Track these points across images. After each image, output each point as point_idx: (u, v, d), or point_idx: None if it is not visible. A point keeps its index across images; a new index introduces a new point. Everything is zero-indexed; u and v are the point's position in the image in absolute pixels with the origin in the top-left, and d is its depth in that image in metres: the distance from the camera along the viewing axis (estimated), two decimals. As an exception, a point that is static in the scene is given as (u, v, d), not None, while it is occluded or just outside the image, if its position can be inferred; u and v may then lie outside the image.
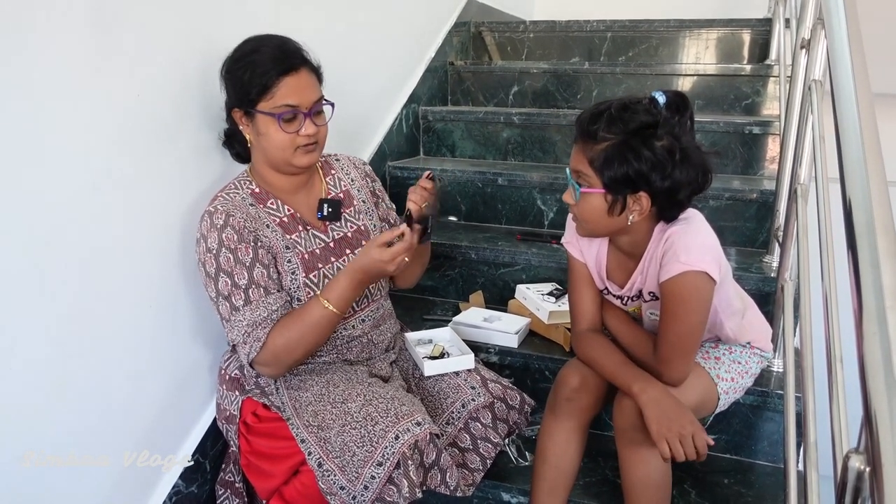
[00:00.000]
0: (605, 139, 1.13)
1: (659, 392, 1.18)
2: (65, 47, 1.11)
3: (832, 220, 1.04)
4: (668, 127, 1.12)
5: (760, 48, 2.69)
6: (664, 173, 1.12)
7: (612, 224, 1.19)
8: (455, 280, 2.03)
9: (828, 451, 0.83)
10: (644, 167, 1.11)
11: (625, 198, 1.16)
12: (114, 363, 1.28)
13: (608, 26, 2.88)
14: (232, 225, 1.30)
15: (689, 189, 1.15)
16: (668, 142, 1.11)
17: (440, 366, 1.47)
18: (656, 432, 1.14)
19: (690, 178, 1.13)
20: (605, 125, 1.13)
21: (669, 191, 1.14)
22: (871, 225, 0.70)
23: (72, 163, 1.15)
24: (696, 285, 1.17)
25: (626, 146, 1.12)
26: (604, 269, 1.34)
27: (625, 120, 1.12)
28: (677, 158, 1.11)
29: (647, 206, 1.15)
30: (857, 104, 0.85)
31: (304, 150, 1.34)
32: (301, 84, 1.31)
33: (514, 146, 2.40)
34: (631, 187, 1.14)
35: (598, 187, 1.16)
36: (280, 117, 1.29)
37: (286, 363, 1.32)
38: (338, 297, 1.30)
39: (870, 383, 0.59)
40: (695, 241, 1.17)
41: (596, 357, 1.30)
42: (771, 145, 2.14)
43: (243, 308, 1.28)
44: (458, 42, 2.81)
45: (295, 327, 1.29)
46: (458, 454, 1.38)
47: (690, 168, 1.13)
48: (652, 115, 1.12)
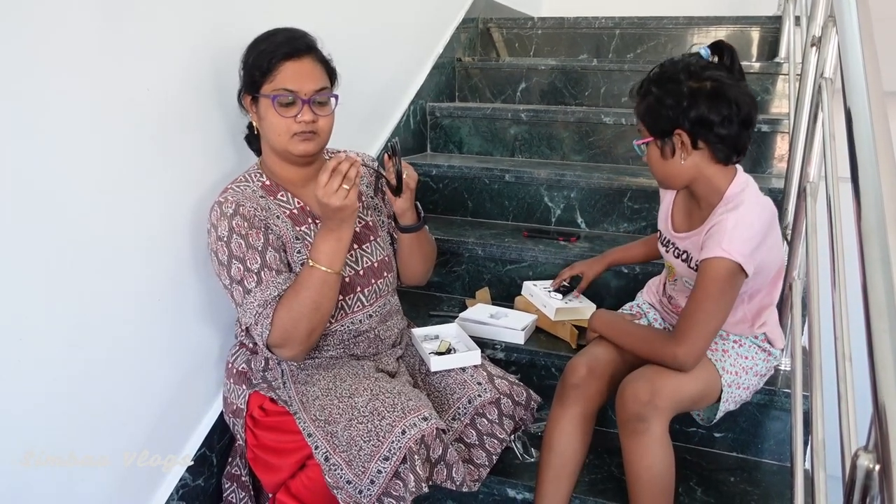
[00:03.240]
0: (645, 93, 1.30)
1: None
2: (73, 40, 1.11)
3: (842, 218, 1.04)
4: (690, 70, 1.26)
5: (770, 46, 2.68)
6: (688, 108, 1.24)
7: (671, 169, 1.31)
8: (461, 276, 2.03)
9: (835, 450, 0.83)
10: (671, 107, 1.25)
11: (671, 140, 1.28)
12: (119, 361, 1.28)
13: (616, 23, 2.87)
14: (242, 214, 1.30)
15: (726, 121, 1.23)
16: (694, 82, 1.25)
17: (447, 362, 1.47)
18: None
19: (723, 111, 1.23)
20: (646, 83, 1.31)
21: (702, 123, 1.24)
22: (882, 222, 0.69)
23: (80, 156, 1.15)
24: (727, 273, 1.23)
25: (658, 93, 1.27)
26: (670, 210, 1.45)
27: (658, 75, 1.30)
28: (704, 94, 1.23)
29: (688, 141, 1.27)
30: (869, 102, 0.85)
31: (301, 138, 1.33)
32: (302, 70, 1.31)
33: (521, 143, 2.40)
34: (668, 127, 1.27)
35: (648, 137, 1.32)
36: (275, 99, 1.29)
37: (298, 339, 1.28)
38: (316, 251, 1.26)
39: (879, 381, 0.59)
40: (742, 232, 1.23)
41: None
42: (780, 143, 2.13)
43: (255, 289, 1.28)
44: (466, 38, 2.81)
45: (292, 297, 1.27)
46: (464, 450, 1.38)
47: (721, 101, 1.23)
48: (678, 65, 1.28)
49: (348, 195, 1.22)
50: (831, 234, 1.05)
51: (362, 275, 1.44)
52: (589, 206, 2.10)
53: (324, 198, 1.22)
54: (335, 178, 1.21)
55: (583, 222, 2.12)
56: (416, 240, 1.51)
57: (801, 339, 1.38)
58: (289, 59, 1.30)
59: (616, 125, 2.27)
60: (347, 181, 1.22)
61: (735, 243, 1.22)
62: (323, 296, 1.28)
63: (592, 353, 1.41)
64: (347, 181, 1.22)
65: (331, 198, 1.21)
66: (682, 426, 1.61)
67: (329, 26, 1.82)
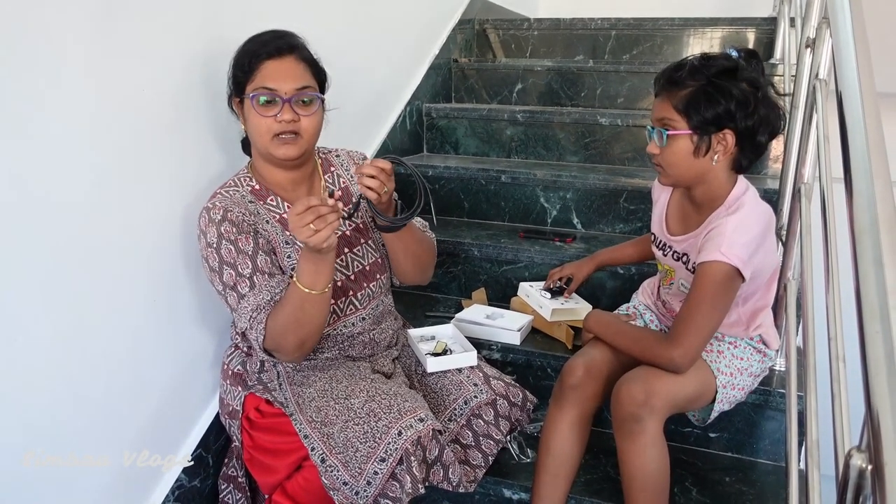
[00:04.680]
0: (690, 85, 1.23)
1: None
2: (67, 41, 1.11)
3: (836, 219, 1.04)
4: (747, 70, 1.23)
5: (765, 47, 2.68)
6: (748, 110, 1.21)
7: (696, 167, 1.27)
8: (458, 277, 2.03)
9: (829, 450, 0.83)
10: (731, 104, 1.21)
11: (710, 137, 1.24)
12: (115, 362, 1.28)
13: (612, 24, 2.88)
14: (230, 219, 1.30)
15: (768, 129, 1.24)
16: (749, 83, 1.23)
17: (443, 362, 1.47)
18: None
19: (770, 118, 1.24)
20: (689, 73, 1.24)
21: (752, 129, 1.23)
22: (875, 224, 0.70)
23: (73, 158, 1.15)
24: (724, 277, 1.23)
25: (713, 87, 1.22)
26: (664, 214, 1.44)
27: (707, 66, 1.23)
28: (759, 97, 1.23)
29: (731, 143, 1.24)
30: (863, 103, 0.85)
31: (282, 141, 1.30)
32: (283, 69, 1.29)
33: (517, 144, 2.40)
34: (717, 125, 1.23)
35: (684, 129, 1.24)
36: (254, 98, 1.28)
37: (288, 349, 1.27)
38: (299, 271, 1.23)
39: (872, 381, 0.59)
40: (741, 237, 1.23)
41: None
42: (774, 144, 2.13)
43: (249, 294, 1.27)
44: (463, 39, 2.81)
45: (279, 309, 1.26)
46: (460, 451, 1.38)
47: (770, 108, 1.24)
48: (731, 61, 1.24)
49: (316, 235, 1.13)
50: (825, 235, 1.05)
51: (353, 279, 1.43)
52: (585, 206, 2.10)
53: (292, 229, 1.15)
54: (307, 215, 1.13)
55: (579, 223, 2.12)
56: (399, 239, 1.44)
57: (795, 339, 1.38)
58: (270, 58, 1.29)
59: (612, 126, 2.28)
60: (320, 222, 1.13)
61: (734, 248, 1.22)
62: (305, 312, 1.24)
63: (589, 354, 1.41)
64: (320, 222, 1.13)
65: (297, 231, 1.14)
66: (677, 426, 1.62)
67: (325, 27, 1.83)
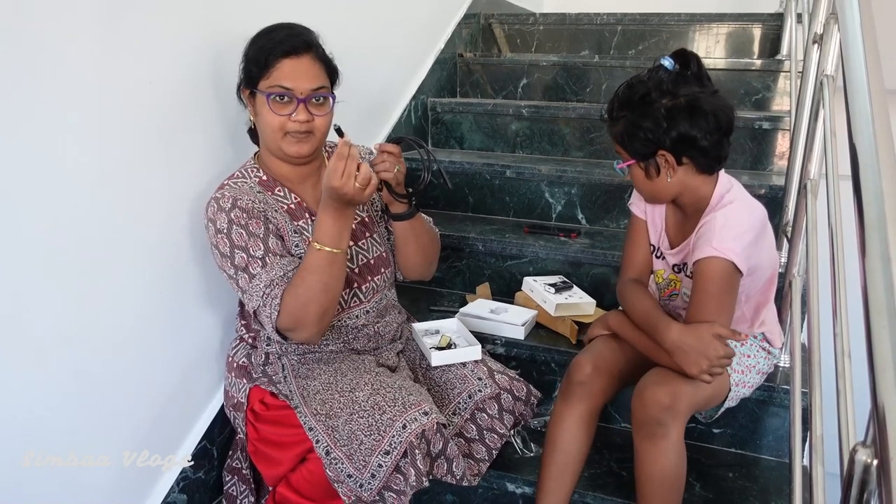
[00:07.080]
0: (620, 117, 1.29)
1: (677, 334, 1.23)
2: (72, 33, 1.11)
3: (842, 215, 1.04)
4: (662, 88, 1.24)
5: (772, 43, 2.67)
6: (668, 128, 1.23)
7: (658, 187, 1.31)
8: (462, 271, 2.04)
9: (833, 446, 0.83)
10: (649, 130, 1.24)
11: (654, 160, 1.27)
12: (120, 355, 1.29)
13: (618, 19, 2.87)
14: (240, 206, 1.30)
15: (707, 135, 1.23)
16: (668, 100, 1.23)
17: (447, 356, 1.48)
18: (696, 374, 1.21)
19: (703, 125, 1.22)
20: (617, 107, 1.30)
21: (683, 141, 1.24)
22: (883, 220, 0.70)
23: (80, 150, 1.16)
24: (722, 272, 1.22)
25: (633, 117, 1.26)
26: (662, 226, 1.44)
27: (628, 97, 1.28)
28: (682, 111, 1.22)
29: (672, 161, 1.27)
30: (870, 100, 0.85)
31: (295, 139, 1.32)
32: (300, 68, 1.30)
33: (522, 139, 2.40)
34: (650, 150, 1.27)
35: (629, 160, 1.31)
36: (269, 96, 1.29)
37: (308, 322, 1.26)
38: (323, 233, 1.24)
39: (878, 377, 0.59)
40: (731, 230, 1.23)
41: (633, 300, 1.37)
42: (781, 141, 2.13)
43: (261, 272, 1.27)
44: (468, 34, 2.80)
45: (299, 281, 1.25)
46: (464, 444, 1.39)
47: (700, 116, 1.22)
48: (647, 84, 1.25)
49: (351, 181, 1.19)
50: (831, 232, 1.05)
51: (358, 272, 1.44)
52: (590, 202, 2.10)
53: (337, 180, 1.19)
54: (350, 163, 1.19)
55: (583, 218, 2.12)
56: (411, 228, 1.47)
57: (800, 335, 1.38)
58: (287, 56, 1.29)
59: (617, 121, 2.27)
60: (356, 176, 1.20)
61: (725, 241, 1.21)
62: (331, 276, 1.26)
63: (597, 350, 1.40)
64: (356, 176, 1.20)
65: (330, 178, 1.19)
66: (681, 422, 1.62)
67: (330, 20, 1.82)
